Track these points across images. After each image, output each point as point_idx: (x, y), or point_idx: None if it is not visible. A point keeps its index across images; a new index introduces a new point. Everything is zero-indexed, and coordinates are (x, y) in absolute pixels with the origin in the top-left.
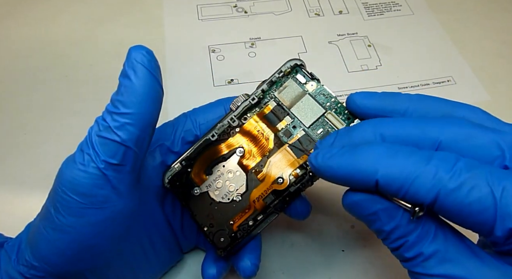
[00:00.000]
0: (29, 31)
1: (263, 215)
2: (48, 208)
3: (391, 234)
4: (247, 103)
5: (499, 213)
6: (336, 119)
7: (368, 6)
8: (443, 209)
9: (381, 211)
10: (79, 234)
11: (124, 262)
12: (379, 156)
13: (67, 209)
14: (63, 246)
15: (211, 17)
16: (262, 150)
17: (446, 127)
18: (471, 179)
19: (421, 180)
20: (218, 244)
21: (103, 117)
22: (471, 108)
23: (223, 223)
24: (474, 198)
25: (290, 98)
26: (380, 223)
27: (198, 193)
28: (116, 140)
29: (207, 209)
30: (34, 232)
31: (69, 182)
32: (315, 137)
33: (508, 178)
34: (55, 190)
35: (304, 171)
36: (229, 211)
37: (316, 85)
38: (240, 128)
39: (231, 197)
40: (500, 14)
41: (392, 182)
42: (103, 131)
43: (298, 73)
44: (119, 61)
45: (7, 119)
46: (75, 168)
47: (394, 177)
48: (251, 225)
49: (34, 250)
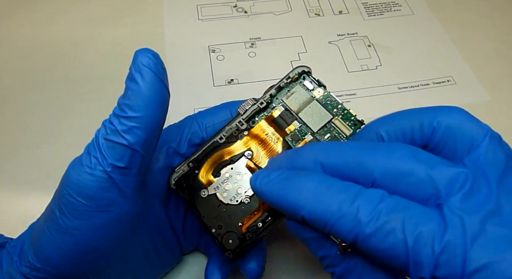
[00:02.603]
0: (29, 31)
1: (272, 217)
2: (53, 210)
3: (322, 261)
4: (255, 107)
5: (412, 261)
6: (343, 125)
7: (368, 6)
8: (363, 250)
9: (311, 239)
10: (83, 236)
11: (126, 264)
12: (308, 191)
13: (72, 211)
14: (67, 248)
15: (211, 17)
16: (270, 154)
17: (384, 160)
18: (387, 224)
19: (343, 221)
20: (226, 246)
21: (110, 120)
22: (448, 111)
23: (232, 225)
24: (388, 245)
25: (298, 103)
26: (312, 249)
27: (206, 195)
28: (124, 143)
29: (215, 211)
30: (38, 233)
31: (75, 185)
32: None
33: (427, 223)
34: (60, 192)
35: None
36: (238, 213)
37: (323, 92)
38: (248, 131)
39: (239, 199)
40: (500, 14)
41: (316, 220)
42: (111, 134)
43: (306, 79)
44: (119, 61)
45: (7, 119)
46: (82, 170)
47: (318, 216)
48: (260, 227)
49: (38, 251)
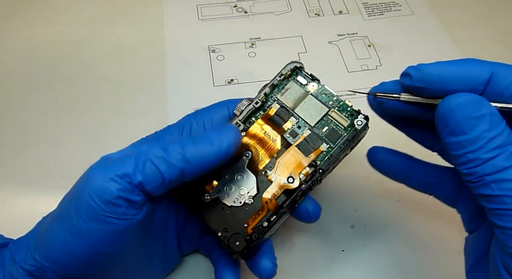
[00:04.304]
0: (29, 31)
1: (276, 215)
2: (69, 211)
3: (490, 142)
4: (251, 107)
5: None
6: (340, 116)
7: (368, 6)
8: None
9: (489, 115)
10: (97, 240)
11: (129, 267)
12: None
13: (91, 214)
14: (79, 250)
15: (211, 17)
16: (270, 152)
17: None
18: None
19: None
20: (234, 248)
21: (168, 147)
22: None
23: (237, 227)
24: None
25: (293, 99)
26: (483, 128)
27: (208, 199)
28: (164, 176)
29: (219, 214)
30: (48, 233)
31: (99, 189)
32: (321, 135)
33: None
34: (80, 194)
35: (314, 169)
36: (242, 215)
37: (317, 86)
38: (246, 132)
39: (243, 200)
40: (500, 14)
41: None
42: (159, 161)
43: (299, 75)
44: (119, 61)
45: (7, 119)
46: (109, 176)
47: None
48: (265, 227)
49: (47, 251)
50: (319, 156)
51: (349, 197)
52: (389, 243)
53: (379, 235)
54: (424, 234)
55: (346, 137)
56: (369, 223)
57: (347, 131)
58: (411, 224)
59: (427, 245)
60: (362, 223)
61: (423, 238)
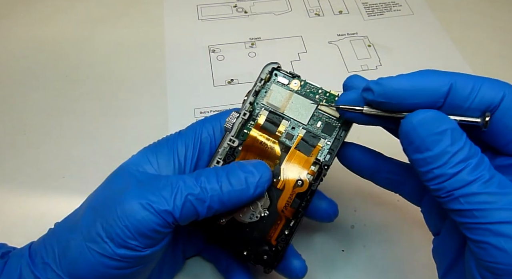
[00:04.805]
0: (29, 31)
1: (295, 221)
2: (99, 234)
3: (454, 157)
4: (240, 120)
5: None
6: (330, 108)
7: (368, 6)
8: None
9: (450, 130)
10: (124, 263)
11: (139, 277)
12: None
13: (123, 242)
14: (105, 270)
15: (211, 17)
16: (271, 160)
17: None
18: None
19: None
20: (263, 264)
21: (206, 187)
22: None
23: (261, 241)
24: None
25: (279, 102)
26: (446, 143)
27: (224, 222)
28: (200, 215)
29: (240, 233)
30: (73, 250)
31: (138, 222)
32: (317, 131)
33: None
34: (114, 221)
35: (318, 166)
36: (262, 228)
37: (300, 82)
38: (242, 146)
39: (258, 214)
40: (501, 14)
41: (463, 85)
42: (198, 202)
43: (278, 75)
44: (119, 61)
45: (7, 119)
46: (149, 210)
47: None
48: (287, 234)
49: (72, 268)
50: (320, 153)
51: (349, 197)
52: (389, 243)
53: (379, 235)
54: (424, 234)
55: (341, 127)
56: (369, 223)
57: (340, 121)
58: (411, 224)
59: (427, 245)
60: (362, 223)
61: (423, 238)
